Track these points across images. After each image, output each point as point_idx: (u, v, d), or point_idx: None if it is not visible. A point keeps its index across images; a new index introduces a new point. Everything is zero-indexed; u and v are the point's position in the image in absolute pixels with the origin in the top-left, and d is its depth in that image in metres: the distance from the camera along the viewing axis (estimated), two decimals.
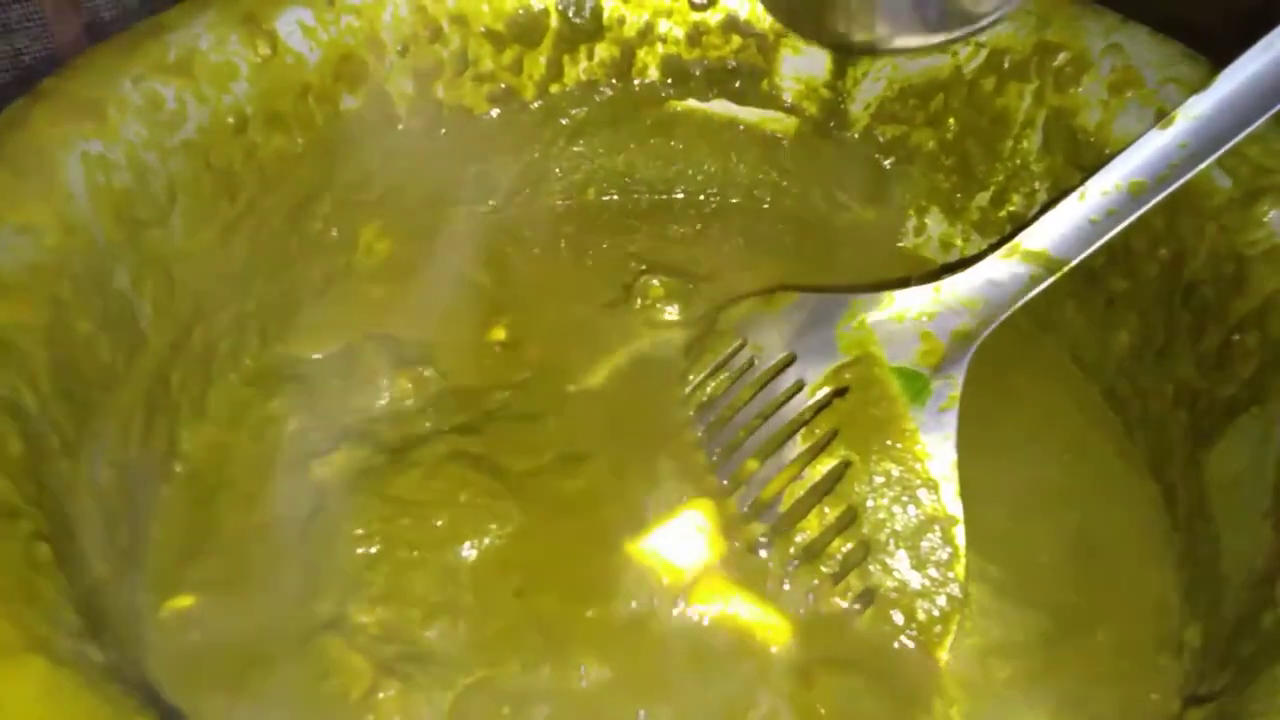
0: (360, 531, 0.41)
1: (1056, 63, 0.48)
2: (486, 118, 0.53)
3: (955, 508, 0.41)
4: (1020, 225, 0.49)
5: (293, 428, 0.45)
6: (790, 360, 0.45)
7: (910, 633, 0.40)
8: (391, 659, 0.37)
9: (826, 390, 0.44)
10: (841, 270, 0.53)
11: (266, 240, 0.47)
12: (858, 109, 0.54)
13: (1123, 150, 0.43)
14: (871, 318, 0.45)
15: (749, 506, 0.43)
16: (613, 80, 0.54)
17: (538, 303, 0.52)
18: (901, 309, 0.45)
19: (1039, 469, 0.46)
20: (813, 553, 0.41)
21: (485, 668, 0.38)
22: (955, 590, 0.40)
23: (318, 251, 0.50)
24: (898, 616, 0.40)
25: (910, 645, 0.39)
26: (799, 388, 0.44)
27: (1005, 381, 0.48)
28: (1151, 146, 0.43)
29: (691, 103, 0.55)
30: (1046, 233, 0.44)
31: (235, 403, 0.46)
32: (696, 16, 0.53)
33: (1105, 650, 0.40)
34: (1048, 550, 0.43)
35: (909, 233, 0.56)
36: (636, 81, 0.54)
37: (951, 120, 0.52)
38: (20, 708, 0.26)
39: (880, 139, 0.54)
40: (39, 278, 0.35)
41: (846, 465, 0.42)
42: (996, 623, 0.41)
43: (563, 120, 0.55)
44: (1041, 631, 0.41)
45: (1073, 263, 0.43)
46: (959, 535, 0.40)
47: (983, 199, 0.53)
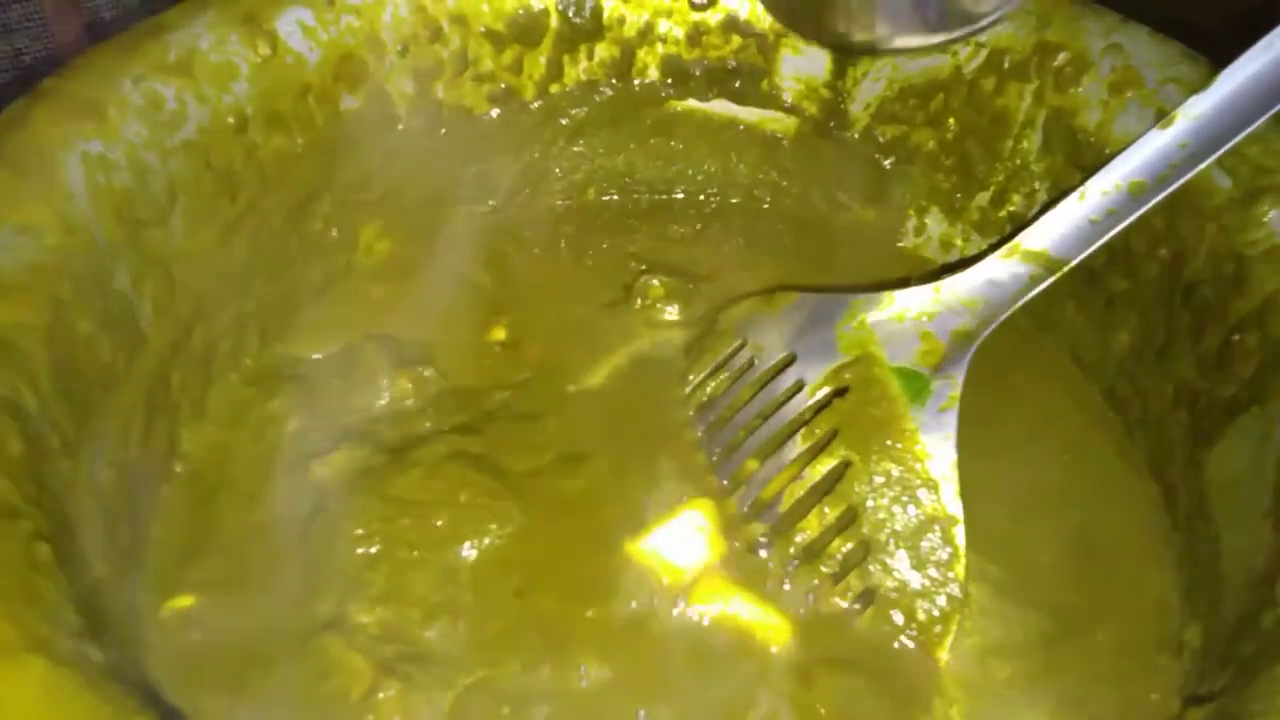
0: (360, 531, 0.41)
1: (1056, 63, 0.48)
2: (486, 118, 0.53)
3: (955, 508, 0.41)
4: (1020, 225, 0.49)
5: (293, 428, 0.45)
6: (790, 360, 0.45)
7: (910, 633, 0.40)
8: (391, 659, 0.37)
9: (826, 390, 0.44)
10: (841, 270, 0.53)
11: (266, 240, 0.47)
12: (858, 109, 0.54)
13: (1123, 150, 0.43)
14: (871, 318, 0.45)
15: (749, 506, 0.43)
16: (613, 80, 0.54)
17: (538, 303, 0.52)
18: (901, 309, 0.45)
19: (1039, 469, 0.46)
20: (813, 553, 0.41)
21: (485, 668, 0.38)
22: (955, 590, 0.40)
23: (318, 251, 0.50)
24: (898, 616, 0.40)
25: (910, 645, 0.39)
26: (799, 388, 0.44)
27: (1005, 381, 0.48)
28: (1151, 146, 0.43)
29: (691, 103, 0.55)
30: (1046, 233, 0.44)
31: (235, 403, 0.46)
32: (696, 16, 0.53)
33: (1105, 650, 0.40)
34: (1048, 550, 0.43)
35: (909, 233, 0.56)
36: (636, 81, 0.54)
37: (951, 120, 0.52)
38: (20, 708, 0.26)
39: (880, 139, 0.54)
40: (39, 278, 0.35)
41: (846, 465, 0.42)
42: (996, 623, 0.41)
43: (563, 120, 0.55)
44: (1041, 631, 0.40)
45: (1073, 263, 0.43)
46: (959, 535, 0.40)
47: (983, 199, 0.53)
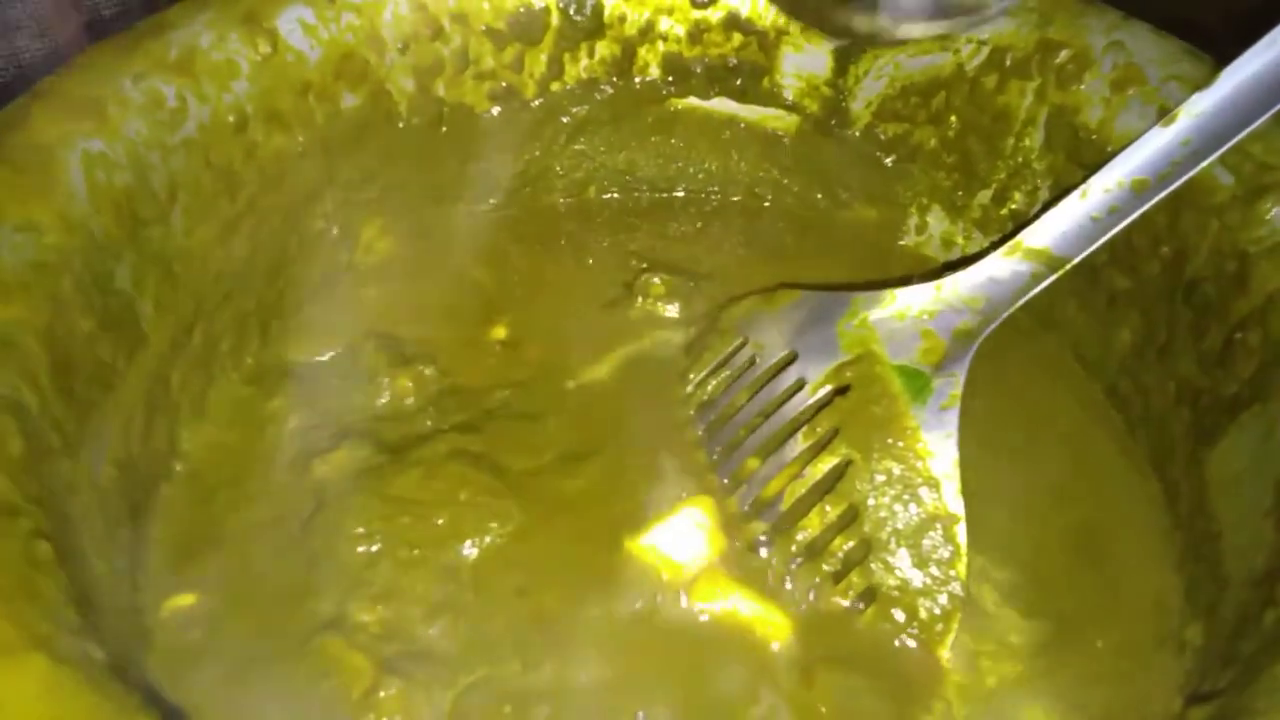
0: (361, 530, 0.41)
1: (1058, 60, 0.48)
2: (487, 116, 0.53)
3: (957, 506, 0.41)
4: (1022, 223, 0.49)
5: (293, 426, 0.45)
6: (791, 358, 0.45)
7: (912, 631, 0.39)
8: (392, 657, 0.37)
9: (828, 388, 0.44)
10: (843, 268, 0.53)
11: (267, 239, 0.47)
12: (859, 107, 0.54)
13: (1125, 148, 0.43)
14: (873, 316, 0.45)
15: (750, 505, 0.42)
16: (614, 78, 0.54)
17: (538, 301, 0.52)
18: (903, 307, 0.45)
19: (1040, 467, 0.46)
20: (814, 551, 0.41)
21: (486, 666, 0.38)
22: (957, 588, 0.40)
23: (318, 250, 0.50)
24: (899, 615, 0.40)
25: (912, 644, 0.39)
26: (800, 386, 0.44)
27: (1007, 379, 0.48)
28: (1154, 144, 0.43)
29: (692, 101, 0.55)
30: (1048, 230, 0.44)
31: (236, 401, 0.46)
32: (697, 14, 0.53)
33: (1106, 649, 0.40)
34: (1048, 548, 0.43)
35: (910, 231, 0.56)
36: (637, 79, 0.54)
37: (953, 118, 0.52)
38: (21, 706, 0.26)
39: (882, 137, 0.54)
40: (40, 276, 0.35)
41: (848, 463, 0.42)
42: (997, 621, 0.41)
43: (564, 118, 0.55)
44: (1042, 629, 0.40)
45: (1075, 260, 0.43)
46: (960, 533, 0.40)
47: (984, 197, 0.53)
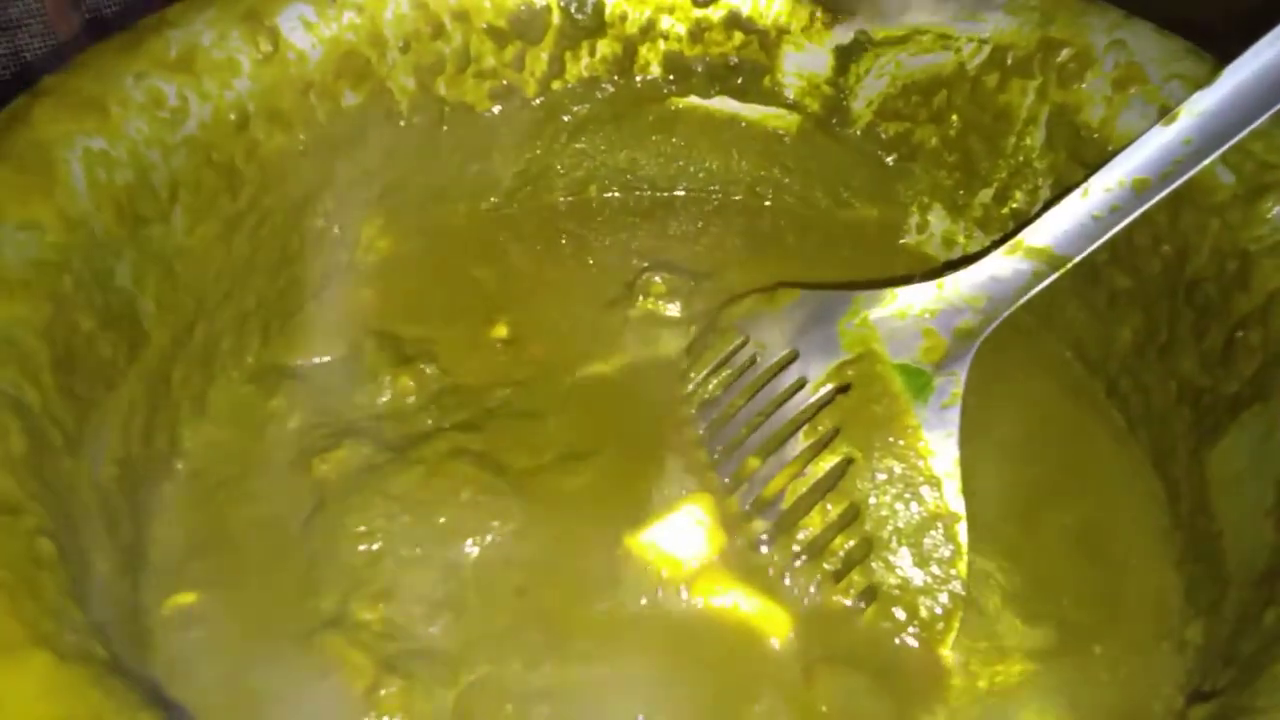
0: (362, 529, 0.41)
1: (1060, 59, 0.48)
2: (488, 114, 0.53)
3: (958, 505, 0.41)
4: (1023, 222, 0.49)
5: (294, 425, 0.45)
6: (792, 357, 0.45)
7: (913, 630, 0.39)
8: (394, 656, 0.37)
9: (829, 387, 0.44)
10: (844, 267, 0.53)
11: (268, 237, 0.46)
12: (860, 106, 0.54)
13: (1126, 147, 0.43)
14: (874, 314, 0.45)
15: (751, 504, 0.42)
16: (615, 77, 0.54)
17: (539, 300, 0.52)
18: (904, 306, 0.45)
19: (1041, 466, 0.46)
20: (815, 550, 0.41)
21: (488, 665, 0.38)
22: (958, 587, 0.40)
23: (319, 249, 0.50)
24: (900, 613, 0.40)
25: (912, 642, 0.39)
26: (801, 385, 0.44)
27: (1007, 378, 0.48)
28: (1155, 143, 0.43)
29: (693, 99, 0.55)
30: (1050, 229, 0.44)
31: (236, 400, 0.46)
32: (698, 13, 0.53)
33: (1107, 647, 0.40)
34: (1049, 547, 0.43)
35: (911, 230, 0.56)
36: (638, 78, 0.54)
37: (954, 117, 0.52)
38: (24, 703, 0.26)
39: (883, 136, 0.54)
40: (41, 274, 0.35)
41: (849, 462, 0.42)
42: (998, 620, 0.41)
43: (564, 117, 0.55)
44: (1043, 629, 0.40)
45: (1076, 259, 0.43)
46: (961, 532, 0.40)
47: (985, 196, 0.53)
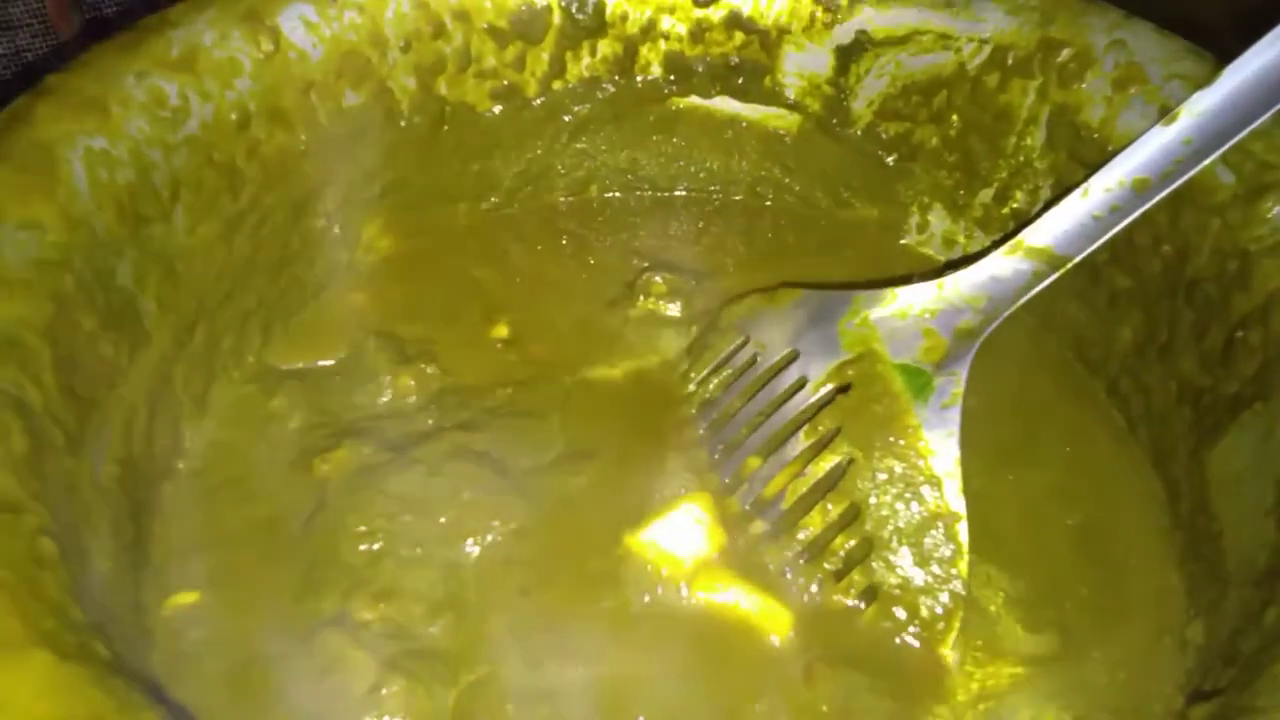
0: (363, 528, 0.41)
1: (1060, 59, 0.48)
2: (489, 114, 0.53)
3: (958, 504, 0.41)
4: (1023, 222, 0.49)
5: (295, 425, 0.45)
6: (793, 357, 0.45)
7: (913, 629, 0.40)
8: (395, 655, 0.37)
9: (829, 387, 0.44)
10: (844, 267, 0.53)
11: (269, 237, 0.47)
12: (860, 106, 0.54)
13: (1126, 146, 0.43)
14: (874, 314, 0.45)
15: (751, 504, 0.43)
16: (615, 77, 0.54)
17: (540, 300, 0.52)
18: (904, 305, 0.45)
19: (1041, 465, 0.46)
20: (815, 550, 0.41)
21: (489, 664, 0.38)
22: (958, 587, 0.40)
23: (320, 248, 0.50)
24: (900, 613, 0.40)
25: (913, 642, 0.39)
26: (801, 384, 0.44)
27: (1008, 378, 0.48)
28: (1155, 143, 0.43)
29: (694, 99, 0.55)
30: (1050, 229, 0.44)
31: (238, 400, 0.46)
32: (699, 13, 0.53)
33: (1108, 647, 0.40)
34: (1050, 547, 0.43)
35: (912, 230, 0.56)
36: (639, 78, 0.54)
37: (955, 117, 0.52)
38: (25, 702, 0.26)
39: (883, 136, 0.54)
40: (42, 274, 0.35)
41: (849, 462, 0.42)
42: (998, 620, 0.41)
43: (565, 117, 0.55)
44: (1044, 628, 0.40)
45: (1076, 259, 0.43)
46: (962, 532, 0.40)
47: (986, 196, 0.53)
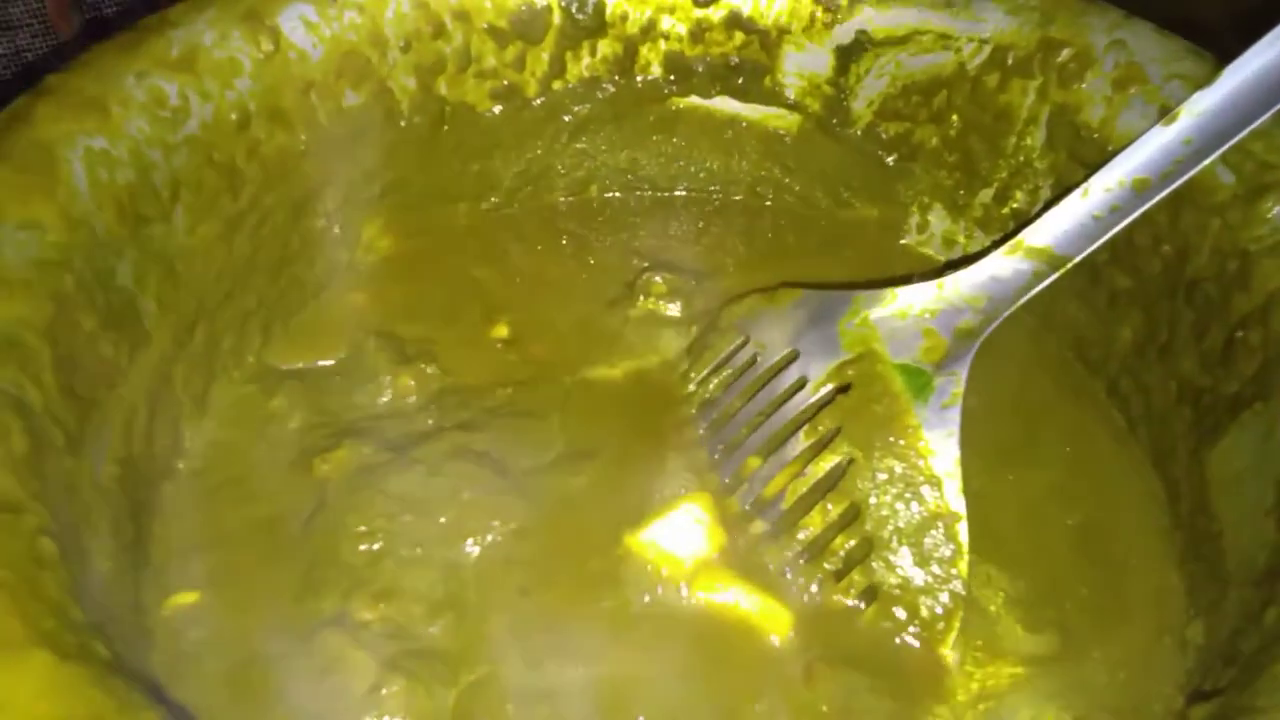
0: (363, 529, 0.41)
1: (1060, 59, 0.48)
2: (489, 114, 0.53)
3: (958, 504, 0.41)
4: (1023, 222, 0.49)
5: (295, 425, 0.45)
6: (793, 357, 0.45)
7: (913, 629, 0.40)
8: (395, 655, 0.37)
9: (829, 387, 0.44)
10: (844, 267, 0.54)
11: (269, 237, 0.47)
12: (860, 106, 0.54)
13: (1126, 146, 0.43)
14: (874, 314, 0.45)
15: (751, 504, 0.43)
16: (615, 77, 0.54)
17: (540, 300, 0.52)
18: (904, 305, 0.45)
19: (1041, 465, 0.46)
20: (816, 550, 0.41)
21: (489, 664, 0.38)
22: (958, 587, 0.40)
23: (320, 248, 0.50)
24: (900, 613, 0.40)
25: (913, 642, 0.39)
26: (801, 384, 0.44)
27: (1008, 378, 0.48)
28: (1155, 143, 0.43)
29: (694, 99, 0.55)
30: (1050, 229, 0.44)
31: (238, 400, 0.46)
32: (699, 13, 0.53)
33: (1108, 647, 0.40)
34: (1049, 547, 0.43)
35: (912, 230, 0.56)
36: (639, 78, 0.54)
37: (955, 117, 0.52)
38: (25, 702, 0.26)
39: (883, 136, 0.54)
40: (42, 274, 0.35)
41: (849, 462, 0.42)
42: (998, 620, 0.41)
43: (565, 117, 0.55)
44: (1044, 628, 0.41)
45: (1076, 259, 0.43)
46: (962, 531, 0.40)
47: (986, 196, 0.53)
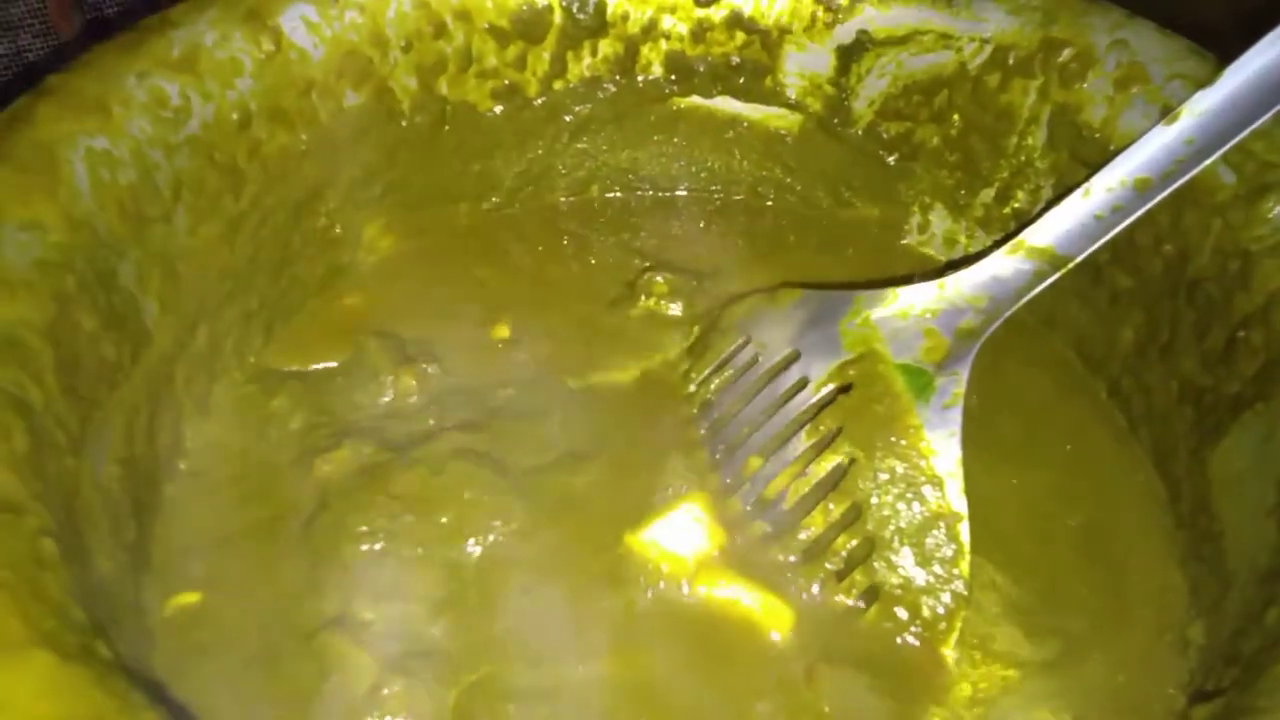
0: (364, 529, 0.41)
1: (1061, 58, 0.48)
2: (490, 114, 0.53)
3: (960, 504, 0.41)
4: (1025, 222, 0.49)
5: (296, 425, 0.45)
6: (794, 357, 0.45)
7: (915, 629, 0.39)
8: (396, 656, 0.37)
9: (830, 387, 0.44)
10: (845, 267, 0.54)
11: (270, 237, 0.47)
12: (861, 105, 0.54)
13: (1128, 146, 0.43)
14: (875, 314, 0.45)
15: (752, 504, 0.42)
16: (616, 77, 0.54)
17: (541, 300, 0.52)
18: (906, 305, 0.45)
19: (1042, 465, 0.46)
20: (817, 550, 0.41)
21: (489, 664, 0.38)
22: (960, 587, 0.40)
23: (321, 248, 0.50)
24: (902, 613, 0.40)
25: (914, 642, 0.39)
26: (803, 384, 0.44)
27: (1009, 378, 0.48)
28: (1157, 142, 0.43)
29: (695, 99, 0.55)
30: (1051, 229, 0.44)
31: (239, 400, 0.46)
32: (700, 13, 0.53)
33: (1110, 647, 0.40)
34: (1051, 547, 0.43)
35: (913, 230, 0.56)
36: (640, 78, 0.54)
37: (956, 116, 0.52)
38: (26, 703, 0.26)
39: (884, 135, 0.54)
40: (44, 274, 0.35)
41: (850, 462, 0.42)
42: (1000, 619, 0.41)
43: (566, 117, 0.55)
44: (1045, 629, 0.40)
45: (1077, 259, 0.43)
46: (963, 532, 0.40)
47: (987, 195, 0.53)
